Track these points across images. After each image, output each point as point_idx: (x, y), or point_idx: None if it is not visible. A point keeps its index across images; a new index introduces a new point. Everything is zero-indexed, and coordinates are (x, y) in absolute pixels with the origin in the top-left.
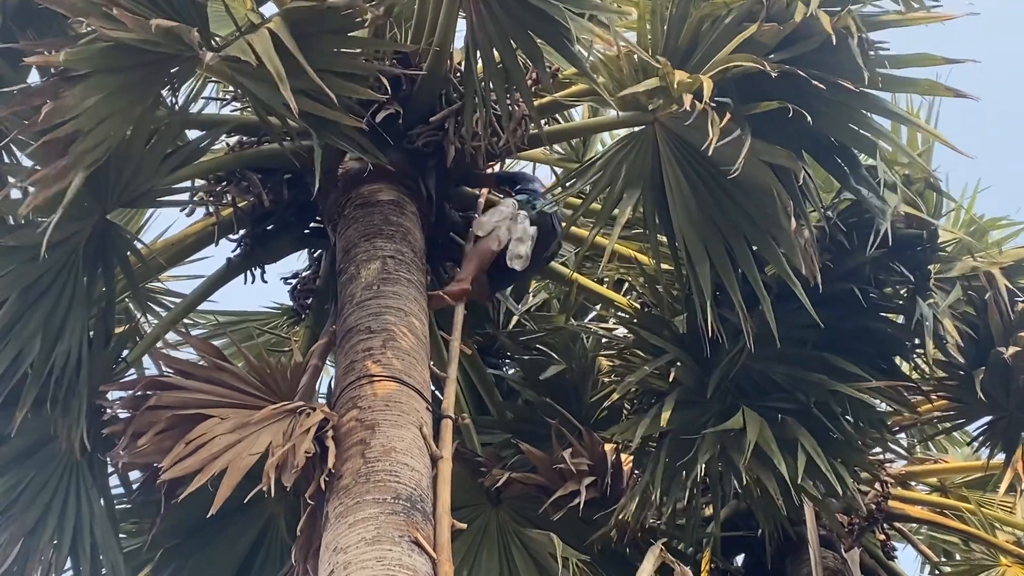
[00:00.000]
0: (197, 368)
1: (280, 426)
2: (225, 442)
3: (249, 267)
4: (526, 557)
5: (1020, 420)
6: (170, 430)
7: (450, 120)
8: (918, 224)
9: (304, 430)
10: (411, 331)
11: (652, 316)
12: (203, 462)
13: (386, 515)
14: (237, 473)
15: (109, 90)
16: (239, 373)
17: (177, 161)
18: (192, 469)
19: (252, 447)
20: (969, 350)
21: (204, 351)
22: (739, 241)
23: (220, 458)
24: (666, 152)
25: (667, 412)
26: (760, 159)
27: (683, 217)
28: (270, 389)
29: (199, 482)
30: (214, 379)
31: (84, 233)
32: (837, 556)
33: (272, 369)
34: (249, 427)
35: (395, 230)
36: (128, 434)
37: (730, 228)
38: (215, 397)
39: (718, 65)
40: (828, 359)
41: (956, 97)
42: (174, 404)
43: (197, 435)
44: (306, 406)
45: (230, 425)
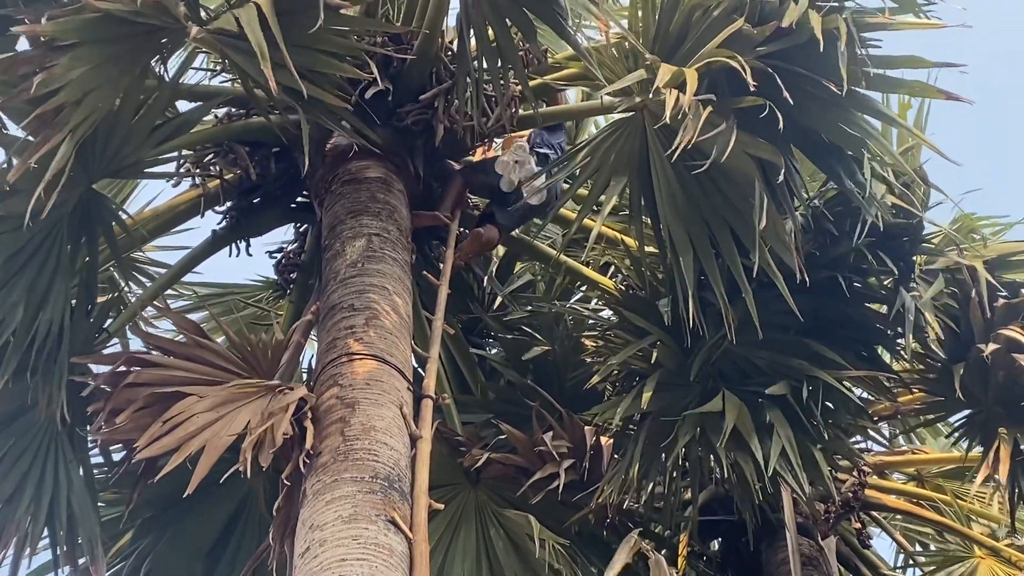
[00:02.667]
0: (177, 345)
1: (259, 405)
2: (203, 420)
3: (234, 240)
4: (504, 538)
5: (998, 415)
6: (149, 407)
7: (440, 99)
8: (904, 215)
9: (282, 409)
10: (394, 310)
11: (636, 298)
12: (180, 441)
13: (363, 494)
14: (214, 452)
15: (97, 61)
16: (219, 350)
17: (165, 133)
18: (169, 448)
19: (230, 426)
20: (950, 344)
21: (185, 328)
22: (723, 230)
23: (197, 437)
24: (653, 140)
25: (648, 393)
26: (745, 151)
27: (668, 205)
28: (251, 366)
29: (176, 461)
30: (194, 356)
31: (69, 203)
32: (813, 543)
33: (253, 346)
34: (227, 405)
35: (381, 208)
36: (107, 410)
37: (714, 217)
38: (195, 374)
39: (704, 58)
40: (810, 345)
41: (947, 99)
42: (153, 381)
43: (175, 413)
44: (284, 385)
45: (208, 403)
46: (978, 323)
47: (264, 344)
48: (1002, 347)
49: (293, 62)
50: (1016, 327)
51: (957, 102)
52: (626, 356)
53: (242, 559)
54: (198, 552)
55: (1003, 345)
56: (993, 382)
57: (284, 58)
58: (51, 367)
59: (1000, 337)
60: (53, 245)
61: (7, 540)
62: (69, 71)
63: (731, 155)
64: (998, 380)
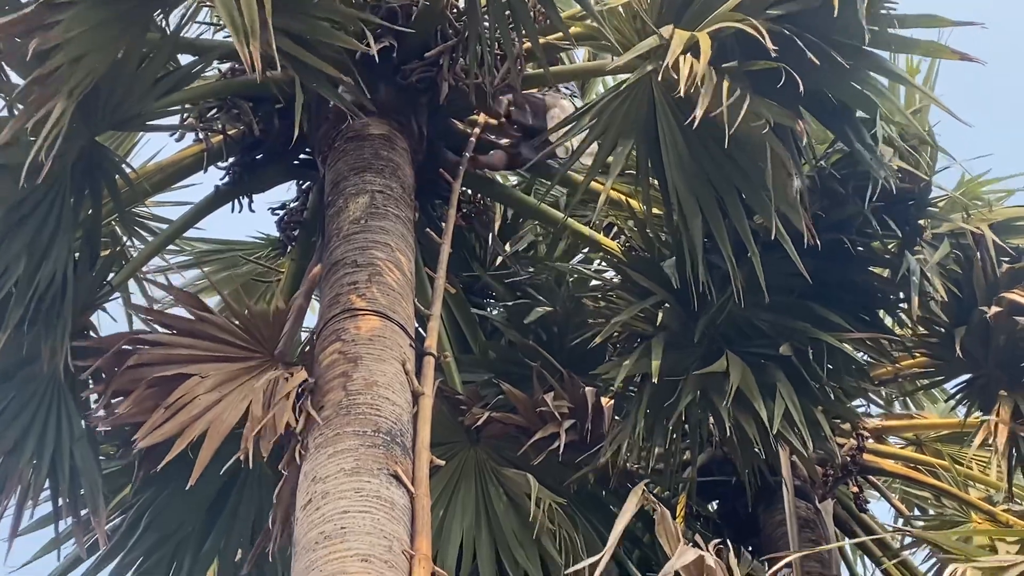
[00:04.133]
0: (178, 320)
1: (261, 385)
2: (205, 402)
3: (237, 196)
4: (502, 495)
5: (998, 379)
6: (151, 389)
7: (445, 57)
8: (911, 179)
9: (284, 396)
10: (397, 267)
11: (640, 258)
12: (182, 426)
13: (366, 447)
14: (217, 437)
15: (97, 21)
16: (220, 323)
17: (168, 86)
18: (171, 434)
19: (233, 410)
20: (952, 308)
21: (186, 302)
22: (731, 193)
23: (200, 420)
24: (661, 103)
25: (657, 356)
26: (758, 116)
27: (676, 168)
28: (252, 337)
29: (178, 448)
30: (196, 331)
31: (71, 154)
32: (810, 506)
33: (254, 315)
34: (230, 383)
35: (385, 165)
36: (108, 393)
37: (722, 181)
38: (196, 350)
39: (717, 22)
40: (813, 308)
41: (960, 60)
42: (155, 361)
43: (177, 397)
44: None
45: (211, 383)
46: (981, 287)
47: (265, 312)
48: (1004, 310)
49: (291, 28)
50: (1020, 290)
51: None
52: (630, 316)
53: (242, 514)
54: (199, 505)
55: (1006, 308)
56: (994, 345)
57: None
58: (53, 319)
59: (1003, 300)
60: (56, 197)
61: (9, 491)
62: (68, 31)
63: (744, 120)
64: (999, 343)
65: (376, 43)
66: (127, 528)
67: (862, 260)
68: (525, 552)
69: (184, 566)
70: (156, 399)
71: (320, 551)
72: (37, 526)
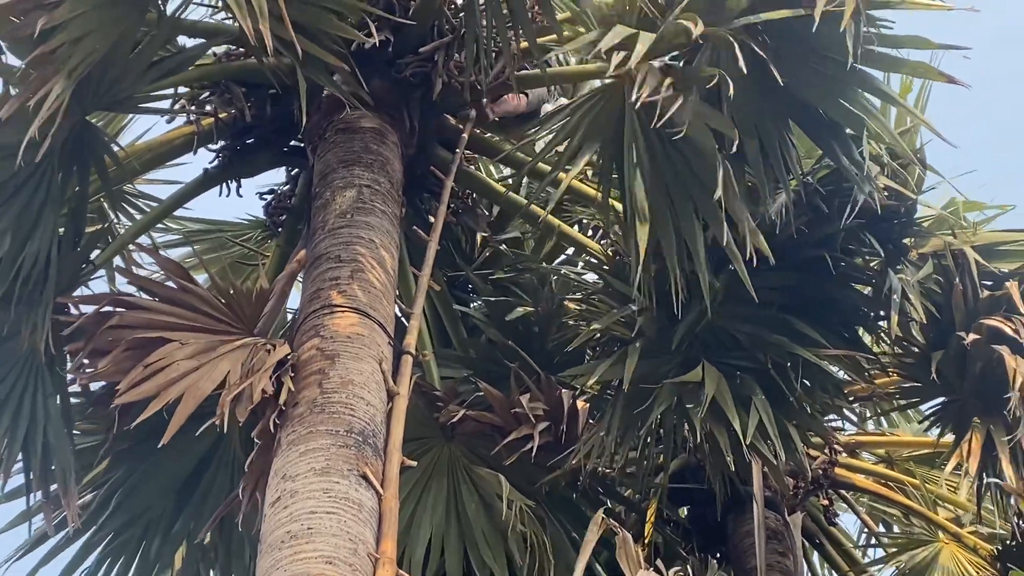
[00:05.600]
0: (163, 288)
1: (240, 355)
2: (184, 368)
3: (226, 179)
4: (473, 493)
5: (972, 405)
6: (130, 350)
7: (440, 52)
8: (897, 197)
9: (264, 368)
10: (380, 264)
11: (622, 263)
12: (160, 388)
13: (337, 447)
14: (193, 401)
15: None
16: (204, 295)
17: (162, 70)
18: (148, 394)
19: (210, 376)
20: (931, 329)
21: (171, 271)
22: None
23: (177, 384)
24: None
25: (632, 361)
26: (706, 124)
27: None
28: (235, 313)
29: (154, 408)
30: (179, 299)
31: (62, 133)
32: (779, 518)
33: (238, 292)
34: (209, 353)
35: (374, 159)
36: (87, 350)
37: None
38: (178, 319)
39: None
40: (792, 322)
41: (948, 83)
42: (136, 324)
43: (156, 359)
44: (268, 341)
45: (190, 351)
46: (961, 311)
47: (249, 291)
48: (983, 337)
49: (292, 16)
50: (999, 317)
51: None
52: (608, 323)
53: (212, 498)
54: (169, 488)
55: (984, 335)
56: (970, 372)
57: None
58: (36, 297)
59: (982, 327)
60: (44, 175)
61: None
62: (70, 12)
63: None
64: (975, 370)
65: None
66: (97, 506)
67: (844, 276)
68: (492, 552)
69: (152, 547)
70: (134, 360)
71: (286, 550)
72: (6, 499)
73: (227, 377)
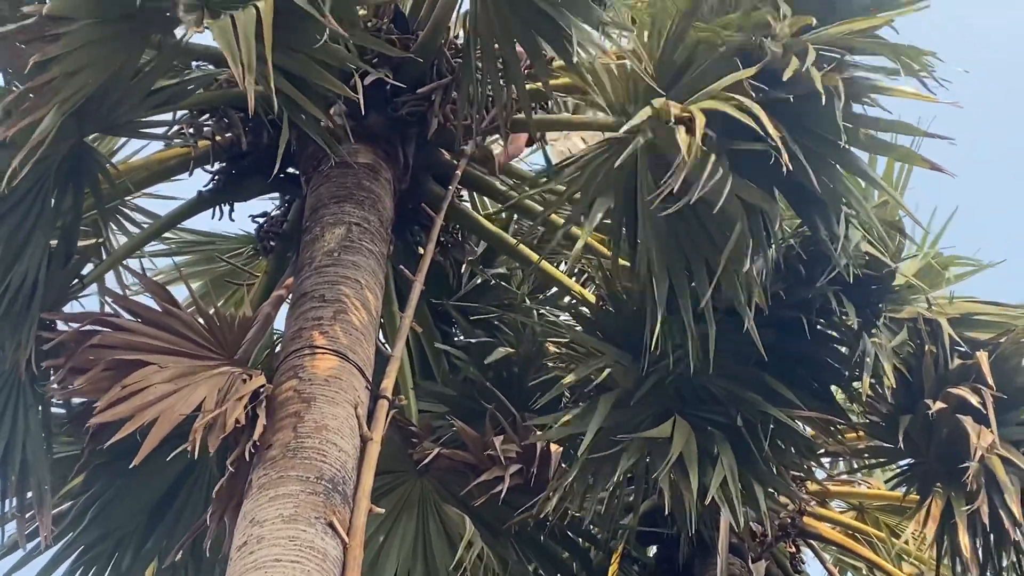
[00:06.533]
0: (146, 310)
1: (216, 382)
2: (160, 391)
3: (219, 202)
4: (441, 532)
5: (937, 470)
6: (109, 370)
7: (437, 93)
8: (876, 264)
9: (238, 397)
10: (364, 305)
11: (601, 313)
12: (135, 409)
13: (307, 494)
14: (167, 424)
15: (96, 37)
16: (187, 319)
17: (163, 98)
18: (124, 415)
19: (186, 401)
20: (901, 393)
21: (156, 293)
22: (700, 263)
23: (152, 407)
24: (643, 165)
25: (601, 414)
26: (736, 195)
27: (649, 232)
28: (216, 339)
29: (129, 429)
30: (161, 323)
31: (58, 154)
32: (744, 564)
33: (221, 318)
34: (186, 378)
35: (366, 196)
36: (67, 367)
37: (693, 249)
38: (159, 342)
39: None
40: (766, 380)
41: (931, 169)
42: (117, 344)
43: (133, 381)
44: (245, 371)
45: (168, 374)
46: (931, 378)
47: (232, 317)
48: (950, 407)
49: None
50: (967, 387)
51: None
52: (582, 375)
53: (186, 517)
54: (144, 506)
55: (951, 404)
56: (936, 437)
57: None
58: (23, 315)
59: (950, 396)
60: (37, 196)
61: None
62: (67, 46)
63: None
64: (942, 436)
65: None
66: (72, 520)
67: (820, 337)
68: None
69: (123, 563)
70: (112, 380)
71: None
72: None
73: (203, 403)
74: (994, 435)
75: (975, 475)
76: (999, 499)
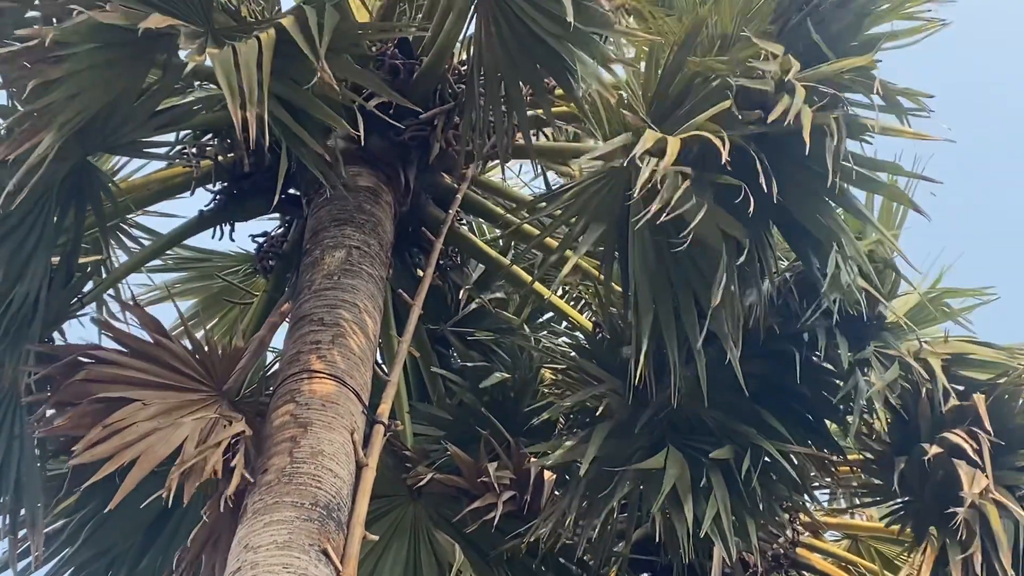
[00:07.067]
0: (135, 340)
1: (200, 423)
2: (142, 430)
3: (220, 222)
4: (431, 558)
5: (931, 511)
6: (92, 407)
7: (440, 118)
8: (869, 300)
9: (216, 443)
10: (362, 329)
11: (597, 342)
12: (115, 449)
13: (301, 520)
14: (147, 466)
15: (100, 62)
16: (177, 351)
17: (167, 118)
18: (103, 456)
19: (167, 440)
20: (897, 431)
21: (147, 325)
22: (687, 295)
23: (133, 447)
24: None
25: (595, 445)
26: (717, 226)
27: (639, 261)
28: (205, 369)
29: (107, 470)
30: (150, 354)
31: (60, 173)
32: None
33: (211, 347)
34: (171, 415)
35: (366, 219)
36: (52, 401)
37: (681, 281)
38: (147, 375)
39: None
40: (760, 413)
41: (916, 211)
42: (104, 379)
43: (115, 420)
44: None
45: (152, 411)
46: (926, 419)
47: (223, 346)
48: (945, 451)
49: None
50: (962, 431)
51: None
52: (577, 401)
53: (179, 538)
54: (139, 525)
55: (946, 449)
56: (932, 479)
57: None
58: (21, 337)
59: (945, 441)
60: (39, 216)
61: None
62: (70, 69)
63: (703, 227)
64: (937, 478)
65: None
66: (66, 538)
67: (814, 371)
68: None
69: None
70: (95, 417)
71: None
72: None
73: (184, 443)
74: (989, 479)
75: (969, 522)
76: (991, 545)
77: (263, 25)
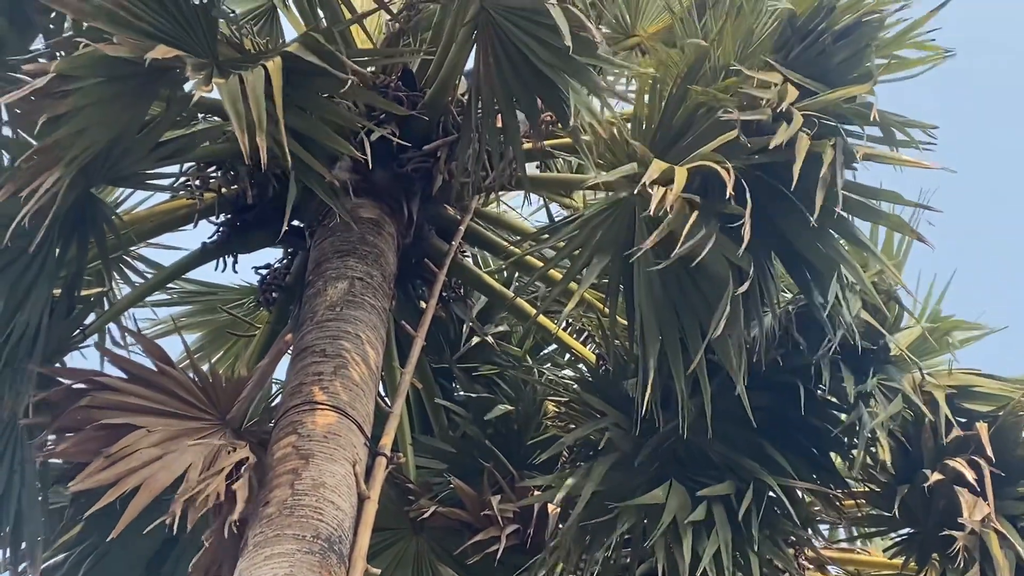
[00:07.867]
0: (139, 368)
1: (202, 450)
2: (145, 457)
3: (223, 254)
4: None
5: (934, 540)
6: (96, 433)
7: (443, 150)
8: (872, 332)
9: (219, 470)
10: (364, 360)
11: (600, 375)
12: (118, 476)
13: (302, 553)
14: (149, 494)
15: (103, 97)
16: (180, 379)
17: (169, 151)
18: (106, 483)
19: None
20: (900, 462)
21: (151, 353)
22: (693, 325)
23: (136, 474)
24: (640, 227)
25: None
26: (723, 255)
27: (644, 293)
28: (208, 398)
29: (110, 498)
30: (154, 382)
31: (64, 206)
32: None
33: (215, 377)
34: (174, 442)
35: (369, 251)
36: (54, 427)
37: (687, 311)
38: (150, 403)
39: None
40: (763, 447)
41: (918, 240)
42: (107, 405)
43: (119, 447)
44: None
45: (155, 439)
46: (929, 449)
47: (227, 376)
48: (947, 478)
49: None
50: (963, 459)
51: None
52: (580, 436)
53: (181, 570)
54: (141, 557)
55: (948, 476)
56: (934, 508)
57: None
58: (22, 367)
59: (947, 468)
60: (42, 246)
61: None
62: (76, 104)
63: (710, 257)
64: (939, 506)
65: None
66: (66, 571)
67: (818, 403)
68: None
69: None
70: (98, 444)
71: None
72: None
73: (188, 470)
74: (990, 508)
75: (969, 549)
76: (992, 574)
77: (268, 55)
